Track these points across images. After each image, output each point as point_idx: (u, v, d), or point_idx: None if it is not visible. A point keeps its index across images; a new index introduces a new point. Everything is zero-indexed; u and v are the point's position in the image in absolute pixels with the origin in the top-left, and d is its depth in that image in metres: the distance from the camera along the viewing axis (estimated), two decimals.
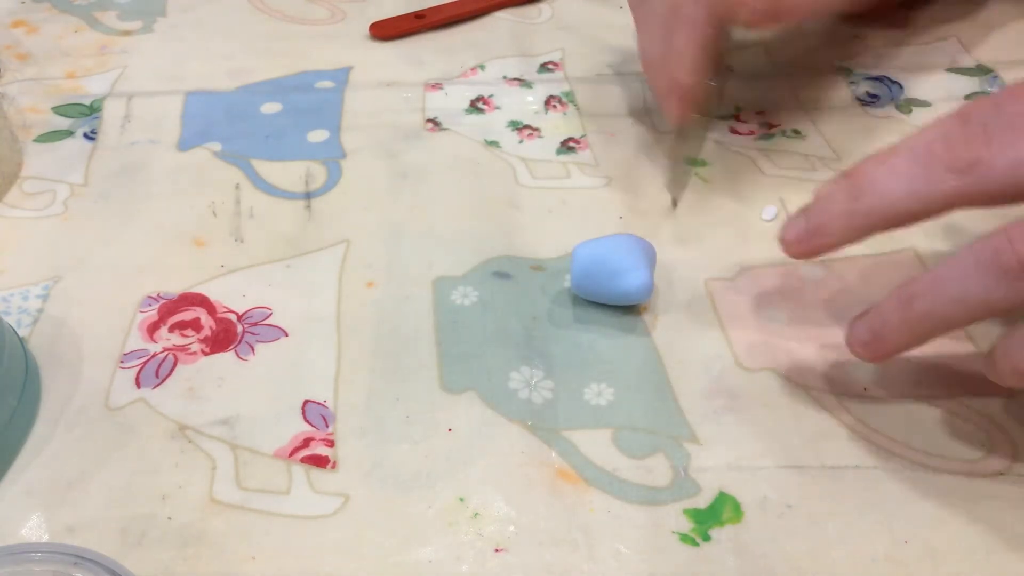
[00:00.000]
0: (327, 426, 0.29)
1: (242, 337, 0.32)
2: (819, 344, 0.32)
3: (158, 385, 0.31)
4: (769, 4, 0.35)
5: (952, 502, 0.27)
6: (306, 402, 0.30)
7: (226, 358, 0.31)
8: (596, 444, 0.29)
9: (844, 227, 0.27)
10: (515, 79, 0.46)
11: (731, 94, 0.43)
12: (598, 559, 0.26)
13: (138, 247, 0.36)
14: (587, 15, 0.51)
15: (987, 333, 0.31)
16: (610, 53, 0.48)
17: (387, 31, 0.49)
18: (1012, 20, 0.48)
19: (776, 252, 0.29)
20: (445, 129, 0.43)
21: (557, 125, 0.43)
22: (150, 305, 0.33)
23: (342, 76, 0.46)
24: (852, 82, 0.44)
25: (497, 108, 0.44)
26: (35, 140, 0.42)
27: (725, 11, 0.35)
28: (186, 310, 0.33)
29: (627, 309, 0.33)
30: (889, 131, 0.41)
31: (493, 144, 0.42)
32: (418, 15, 0.49)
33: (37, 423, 0.29)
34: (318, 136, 0.42)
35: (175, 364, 0.31)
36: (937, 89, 0.44)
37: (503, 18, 0.51)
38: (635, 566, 0.26)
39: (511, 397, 0.30)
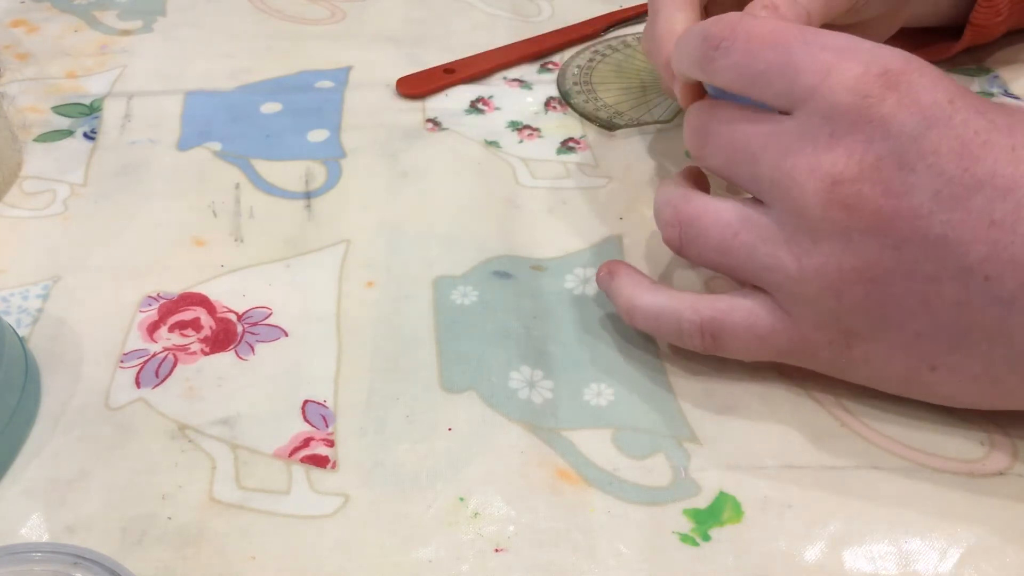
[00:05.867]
0: (327, 426, 0.29)
1: (242, 337, 0.32)
2: None
3: (158, 385, 0.31)
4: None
5: (952, 502, 0.27)
6: (306, 402, 0.30)
7: (226, 358, 0.31)
8: (596, 444, 0.29)
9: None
10: (515, 79, 0.46)
11: None
12: (598, 559, 0.26)
13: (138, 247, 0.36)
14: (587, 14, 0.51)
15: None
16: None
17: (416, 88, 0.45)
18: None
19: None
20: (445, 129, 0.43)
21: (557, 125, 0.43)
22: (150, 305, 0.33)
23: (342, 76, 0.46)
24: None
25: (497, 108, 0.44)
26: (35, 140, 0.42)
27: None
28: (186, 310, 0.33)
29: None
30: None
31: (493, 144, 0.42)
32: (447, 69, 0.46)
33: (37, 423, 0.29)
34: (318, 136, 0.42)
35: (175, 364, 0.31)
36: None
37: (503, 17, 0.51)
38: (635, 566, 0.26)
39: (511, 397, 0.30)
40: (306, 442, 0.29)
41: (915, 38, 0.45)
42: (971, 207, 0.24)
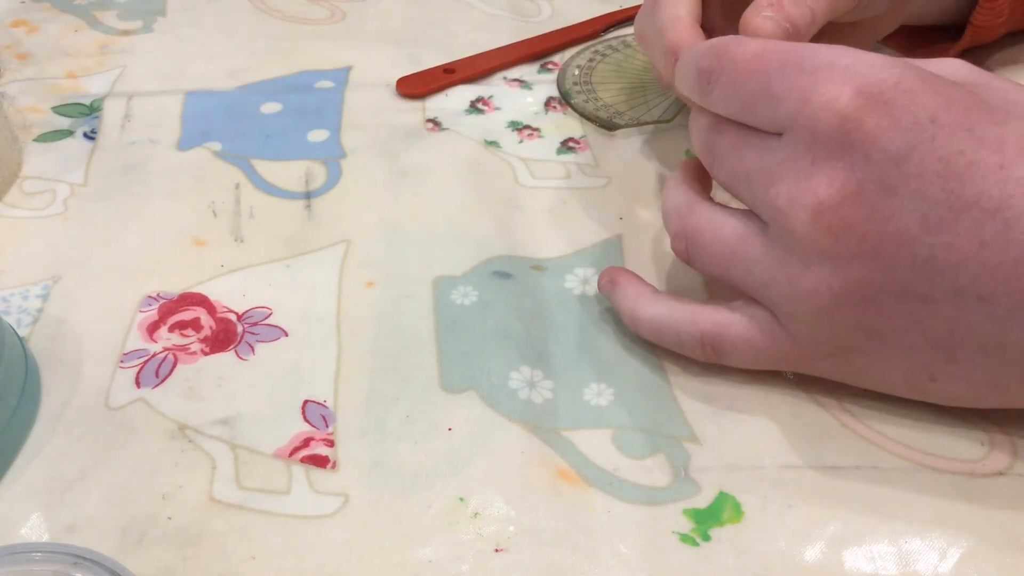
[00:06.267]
0: (327, 426, 0.29)
1: (242, 337, 0.32)
2: None
3: (158, 385, 0.31)
4: None
5: (952, 502, 0.27)
6: (306, 402, 0.30)
7: (226, 358, 0.31)
8: (596, 444, 0.29)
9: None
10: (515, 79, 0.46)
11: None
12: (598, 559, 0.26)
13: (138, 247, 0.36)
14: (587, 14, 0.51)
15: None
16: None
17: (416, 88, 0.45)
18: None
19: None
20: (445, 129, 0.43)
21: (557, 125, 0.43)
22: (150, 305, 0.33)
23: (342, 76, 0.46)
24: None
25: (497, 108, 0.44)
26: (35, 140, 0.42)
27: None
28: (186, 310, 0.33)
29: None
30: None
31: (493, 144, 0.42)
32: (447, 69, 0.46)
33: (37, 423, 0.29)
34: (318, 136, 0.42)
35: (175, 364, 0.31)
36: None
37: (503, 17, 0.51)
38: (635, 566, 0.26)
39: (511, 397, 0.30)
40: (306, 442, 0.29)
41: (916, 36, 0.45)
42: (959, 229, 0.24)
